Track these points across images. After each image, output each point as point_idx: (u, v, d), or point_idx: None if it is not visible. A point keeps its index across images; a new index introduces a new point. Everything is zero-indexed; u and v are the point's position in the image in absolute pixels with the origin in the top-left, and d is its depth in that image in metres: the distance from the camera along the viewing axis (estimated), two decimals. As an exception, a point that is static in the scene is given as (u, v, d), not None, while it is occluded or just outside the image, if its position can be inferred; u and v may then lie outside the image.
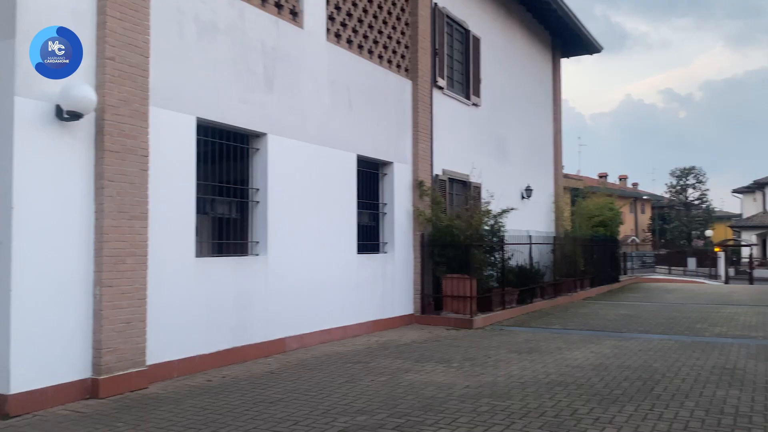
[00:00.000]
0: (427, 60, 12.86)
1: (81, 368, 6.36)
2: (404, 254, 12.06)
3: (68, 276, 6.30)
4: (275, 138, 9.05)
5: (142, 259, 6.92)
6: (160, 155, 7.21)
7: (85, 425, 5.44)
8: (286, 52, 9.30)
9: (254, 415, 5.74)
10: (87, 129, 6.50)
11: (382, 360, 8.47)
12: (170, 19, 7.49)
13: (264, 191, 8.91)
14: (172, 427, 5.37)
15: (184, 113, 7.66)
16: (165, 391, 6.71)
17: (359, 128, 10.89)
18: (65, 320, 6.24)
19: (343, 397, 6.38)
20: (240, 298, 8.37)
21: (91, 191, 6.54)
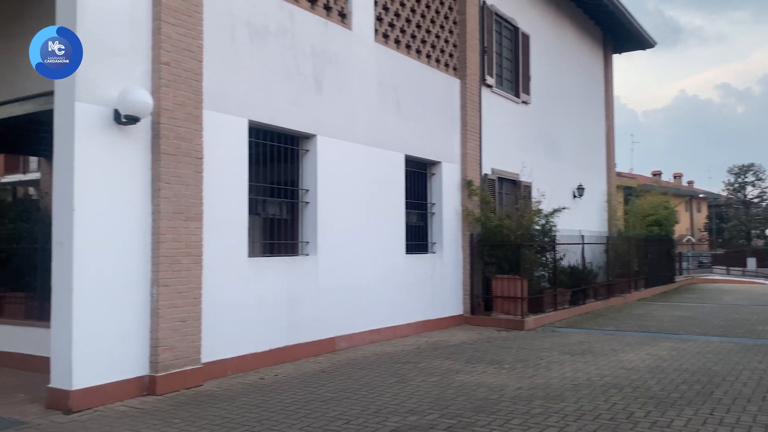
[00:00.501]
0: (475, 58, 12.77)
1: (139, 365, 6.54)
2: (453, 254, 12.00)
3: (126, 276, 6.48)
4: (324, 139, 9.13)
5: (197, 259, 7.07)
6: (213, 157, 7.36)
7: (143, 421, 5.59)
8: (334, 54, 9.37)
9: (307, 413, 5.80)
10: (144, 132, 6.67)
11: (432, 360, 8.45)
12: (223, 24, 7.63)
13: (313, 192, 9.00)
14: (227, 424, 5.46)
15: (237, 116, 7.80)
16: (219, 388, 6.84)
17: (407, 128, 10.89)
18: (124, 319, 6.42)
19: (394, 397, 6.39)
20: (291, 298, 8.47)
21: (147, 193, 6.71)
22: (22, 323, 8.42)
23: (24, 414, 5.85)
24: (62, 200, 6.14)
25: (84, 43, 6.14)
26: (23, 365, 8.00)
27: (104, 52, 6.34)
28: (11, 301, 9.06)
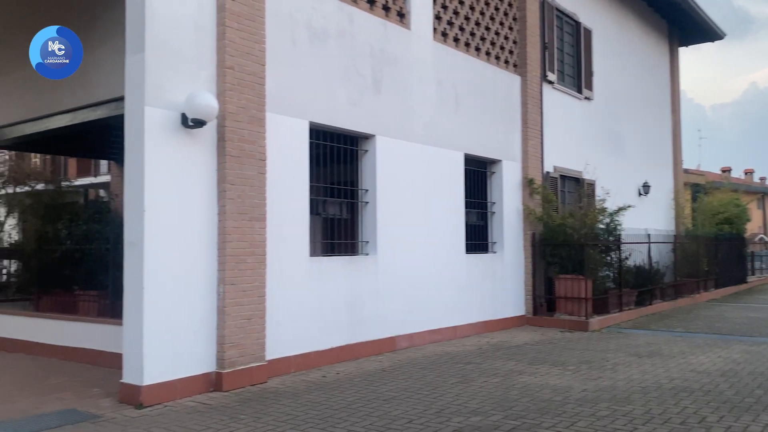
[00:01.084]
0: (536, 54, 12.58)
1: (206, 362, 6.71)
2: (514, 254, 11.85)
3: (194, 274, 6.66)
4: (383, 139, 9.16)
5: (261, 259, 7.21)
6: (275, 159, 7.49)
7: (210, 416, 5.73)
8: (393, 54, 9.39)
9: (369, 411, 5.83)
10: (209, 135, 6.85)
11: (494, 361, 8.36)
12: (284, 27, 7.75)
13: (373, 192, 9.04)
14: (291, 420, 5.55)
15: (298, 118, 7.91)
16: (283, 385, 6.95)
17: (466, 126, 10.82)
18: (192, 317, 6.61)
19: (456, 397, 6.35)
20: (351, 297, 8.53)
21: (213, 194, 6.88)
22: (95, 320, 8.77)
23: (99, 408, 6.09)
24: (133, 202, 6.36)
25: (152, 49, 6.35)
26: (97, 361, 8.33)
27: (172, 57, 6.53)
28: (85, 299, 9.45)
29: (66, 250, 9.80)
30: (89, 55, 8.75)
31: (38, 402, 6.38)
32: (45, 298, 9.98)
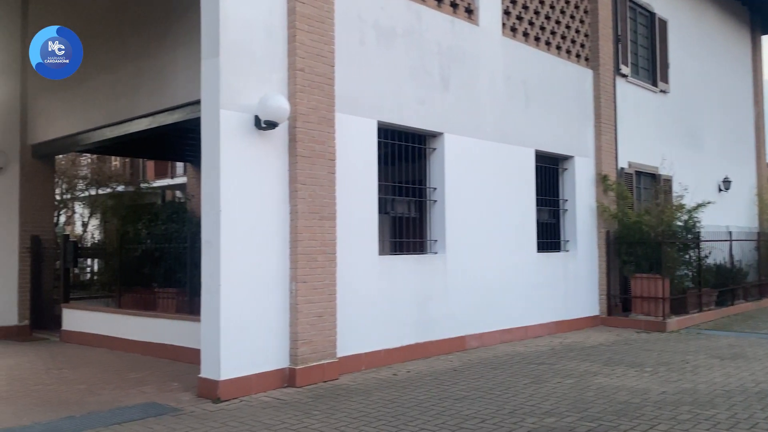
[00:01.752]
0: (608, 47, 12.23)
1: (279, 358, 6.85)
2: (588, 253, 11.56)
3: (267, 272, 6.80)
4: (451, 137, 9.11)
5: (332, 257, 7.29)
6: (344, 158, 7.56)
7: (285, 411, 5.84)
8: (461, 51, 9.32)
9: (441, 410, 5.81)
10: (281, 136, 6.98)
11: (568, 362, 8.18)
12: (352, 28, 7.82)
13: (441, 190, 9.00)
14: (364, 417, 5.59)
15: (366, 117, 7.96)
16: (354, 382, 7.01)
17: (537, 122, 10.62)
18: (265, 314, 6.75)
19: (529, 398, 6.25)
20: (421, 296, 8.52)
21: (285, 194, 7.01)
22: (174, 317, 9.09)
23: (178, 401, 6.31)
24: (210, 202, 6.55)
25: (227, 53, 6.52)
26: (175, 356, 8.64)
27: (245, 61, 6.69)
28: (164, 296, 9.81)
29: (146, 249, 10.19)
30: (166, 60, 9.13)
31: (121, 395, 6.66)
32: (126, 296, 10.42)
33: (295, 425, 5.37)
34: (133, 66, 9.70)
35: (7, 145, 11.54)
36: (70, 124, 10.95)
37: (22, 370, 8.24)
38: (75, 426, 5.46)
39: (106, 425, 5.46)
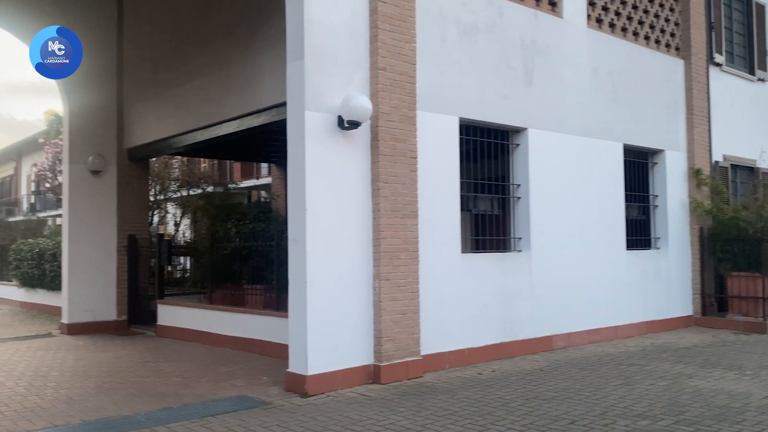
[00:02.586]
0: (701, 35, 11.66)
1: (364, 355, 6.92)
2: (680, 250, 11.07)
3: (351, 270, 6.89)
4: (535, 132, 8.94)
5: (414, 255, 7.30)
6: (426, 156, 7.55)
7: (371, 408, 5.90)
8: (544, 44, 9.13)
9: (528, 410, 5.71)
10: (363, 136, 7.05)
11: (660, 363, 7.87)
12: (433, 25, 7.80)
13: (525, 186, 8.85)
14: (450, 416, 5.57)
15: (448, 114, 7.92)
16: (439, 381, 7.00)
17: (624, 116, 10.27)
18: (350, 311, 6.84)
19: (620, 400, 6.05)
20: (505, 294, 8.41)
21: (368, 192, 7.08)
22: (262, 313, 9.36)
23: (268, 395, 6.49)
24: (296, 201, 6.70)
25: (311, 55, 6.65)
26: (263, 350, 8.90)
27: (328, 63, 6.80)
28: (252, 293, 10.12)
29: (235, 248, 10.53)
30: (252, 64, 9.40)
31: (214, 388, 6.91)
32: (217, 292, 10.81)
33: (382, 421, 5.41)
34: (222, 71, 10.04)
35: (105, 150, 12.19)
36: (163, 128, 11.46)
37: (121, 362, 8.69)
38: (172, 417, 5.71)
39: (200, 417, 5.68)
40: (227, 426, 5.36)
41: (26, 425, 5.53)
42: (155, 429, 5.31)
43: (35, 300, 16.50)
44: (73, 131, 12.03)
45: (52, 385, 7.20)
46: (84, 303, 11.80)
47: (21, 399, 6.50)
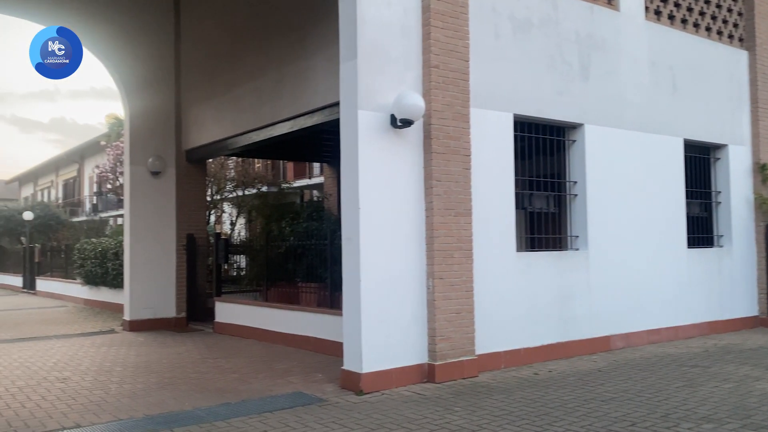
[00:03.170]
0: (765, 26, 11.21)
1: (418, 354, 6.91)
2: (744, 248, 10.68)
3: (405, 268, 6.89)
4: (592, 128, 8.76)
5: (468, 253, 7.25)
6: (480, 154, 7.49)
7: (426, 406, 5.89)
8: (601, 38, 8.93)
9: (587, 411, 5.60)
10: (416, 134, 7.04)
11: (724, 365, 7.61)
12: (486, 21, 7.73)
13: (582, 184, 8.69)
14: (506, 416, 5.51)
15: (502, 111, 7.84)
16: (494, 380, 6.94)
17: (685, 110, 9.96)
18: (403, 309, 6.84)
19: (683, 402, 5.88)
20: (561, 293, 8.27)
21: (421, 190, 7.06)
22: (316, 310, 9.46)
23: (323, 392, 6.55)
24: (349, 200, 6.74)
25: (364, 55, 6.68)
26: (318, 347, 8.99)
27: (381, 61, 6.81)
28: (306, 290, 10.22)
29: (289, 246, 10.67)
30: (305, 65, 9.51)
31: (271, 384, 7.02)
32: (272, 290, 10.97)
33: (437, 420, 5.40)
34: (276, 72, 10.19)
35: (164, 151, 12.53)
36: (220, 129, 11.70)
37: (181, 358, 8.92)
38: (231, 412, 5.82)
39: (258, 412, 5.77)
40: (284, 422, 5.43)
41: (92, 418, 5.73)
42: (215, 424, 5.43)
43: (98, 297, 17.10)
44: (134, 134, 12.41)
45: (116, 380, 7.44)
46: (145, 300, 12.16)
47: (87, 393, 6.73)
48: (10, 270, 27.57)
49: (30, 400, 6.45)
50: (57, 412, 5.96)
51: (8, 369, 8.16)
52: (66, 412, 5.96)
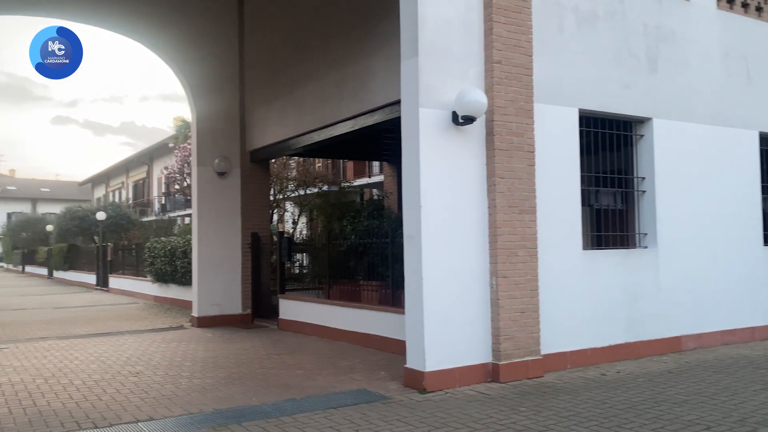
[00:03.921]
0: None
1: (482, 353, 6.85)
2: (826, 245, 10.13)
3: (467, 267, 6.84)
4: (661, 122, 8.49)
5: (532, 252, 7.14)
6: (544, 150, 7.36)
7: (490, 406, 5.83)
8: (670, 29, 8.64)
9: (658, 414, 5.43)
10: (478, 131, 6.97)
11: (806, 368, 7.26)
12: (550, 15, 7.59)
13: (650, 179, 8.43)
14: (574, 417, 5.40)
15: (566, 106, 7.69)
16: (560, 381, 6.81)
17: (761, 102, 9.53)
18: (467, 308, 6.79)
19: (761, 406, 5.63)
20: (629, 292, 8.05)
21: (483, 188, 6.99)
22: (378, 308, 9.50)
23: (386, 390, 6.57)
24: (411, 197, 6.74)
25: (425, 53, 6.66)
26: (380, 345, 9.03)
27: (442, 59, 6.78)
28: (367, 288, 10.27)
29: (350, 245, 10.75)
30: (366, 65, 9.56)
31: (335, 381, 7.10)
32: (334, 288, 11.07)
33: (503, 420, 5.34)
34: (337, 72, 10.28)
35: (229, 152, 12.83)
36: (283, 130, 11.90)
37: (247, 354, 9.11)
38: (296, 408, 5.91)
39: (323, 409, 5.85)
40: (349, 419, 5.48)
41: (164, 412, 5.92)
42: (281, 419, 5.52)
43: (167, 294, 17.67)
44: (201, 135, 12.75)
45: (186, 374, 7.67)
46: (212, 297, 12.49)
47: (158, 387, 6.96)
48: (84, 268, 28.77)
49: (105, 393, 6.72)
50: (131, 405, 6.19)
51: (85, 363, 8.53)
52: (139, 405, 6.18)
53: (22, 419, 5.71)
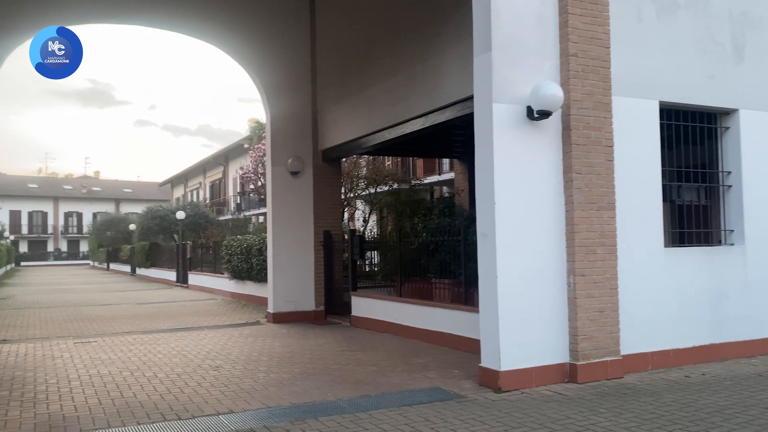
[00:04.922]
0: None
1: (559, 353, 6.71)
2: None
3: (542, 265, 6.70)
4: (748, 113, 8.10)
5: (612, 249, 6.94)
6: (623, 144, 7.14)
7: (568, 407, 5.70)
8: (758, 16, 8.22)
9: (748, 419, 5.18)
10: (554, 125, 6.83)
11: None
12: (628, 5, 7.35)
13: (737, 174, 8.05)
14: (656, 419, 5.21)
15: (646, 98, 7.43)
16: (641, 382, 6.59)
17: None
18: (543, 307, 6.66)
19: None
20: (714, 292, 7.71)
21: (559, 184, 6.84)
22: (450, 306, 9.44)
23: (461, 388, 6.53)
24: (484, 194, 6.66)
25: (498, 47, 6.57)
26: (452, 344, 8.99)
27: (517, 53, 6.68)
28: (439, 286, 10.24)
29: (422, 242, 10.74)
30: (437, 62, 9.51)
31: (408, 379, 7.10)
32: (406, 285, 11.09)
33: (581, 422, 5.21)
34: (407, 70, 10.28)
35: (302, 152, 13.05)
36: (354, 129, 12.00)
37: (322, 350, 9.24)
38: (371, 404, 5.95)
39: (397, 406, 5.86)
40: (425, 416, 5.47)
41: (244, 405, 6.07)
42: (357, 415, 5.57)
43: (244, 291, 18.15)
44: (274, 136, 13.02)
45: (263, 369, 7.85)
46: (286, 294, 12.74)
47: (238, 381, 7.15)
48: (165, 265, 29.90)
49: (187, 386, 6.96)
50: (212, 398, 6.38)
51: (167, 357, 8.86)
52: (220, 398, 6.36)
53: (111, 409, 5.98)
